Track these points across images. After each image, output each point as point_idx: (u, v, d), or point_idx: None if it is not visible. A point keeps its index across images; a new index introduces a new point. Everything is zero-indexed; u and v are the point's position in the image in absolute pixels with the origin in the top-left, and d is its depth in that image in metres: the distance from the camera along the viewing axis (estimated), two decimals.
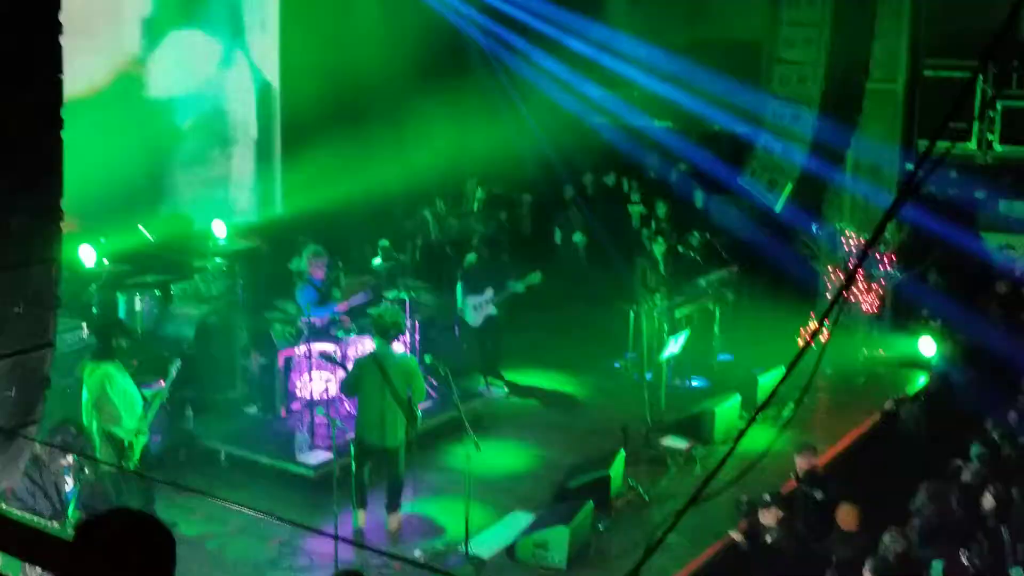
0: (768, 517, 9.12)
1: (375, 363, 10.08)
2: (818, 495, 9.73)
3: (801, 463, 9.99)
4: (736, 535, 9.24)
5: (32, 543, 3.44)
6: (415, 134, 14.91)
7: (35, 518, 6.81)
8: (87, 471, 8.98)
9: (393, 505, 10.22)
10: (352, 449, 9.85)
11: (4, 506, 3.97)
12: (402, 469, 10.16)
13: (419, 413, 10.41)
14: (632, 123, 18.15)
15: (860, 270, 14.74)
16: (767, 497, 9.29)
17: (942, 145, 9.61)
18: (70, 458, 8.75)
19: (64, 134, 6.32)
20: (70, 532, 6.19)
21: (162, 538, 2.51)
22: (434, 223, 15.86)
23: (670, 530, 3.84)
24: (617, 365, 13.99)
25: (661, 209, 16.44)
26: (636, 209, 17.14)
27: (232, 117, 15.57)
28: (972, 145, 15.46)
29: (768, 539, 9.05)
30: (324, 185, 14.17)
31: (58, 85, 6.29)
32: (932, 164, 11.53)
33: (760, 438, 10.40)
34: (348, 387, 10.43)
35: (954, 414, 12.49)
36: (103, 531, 2.50)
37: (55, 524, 8.19)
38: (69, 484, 8.80)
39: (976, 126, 15.22)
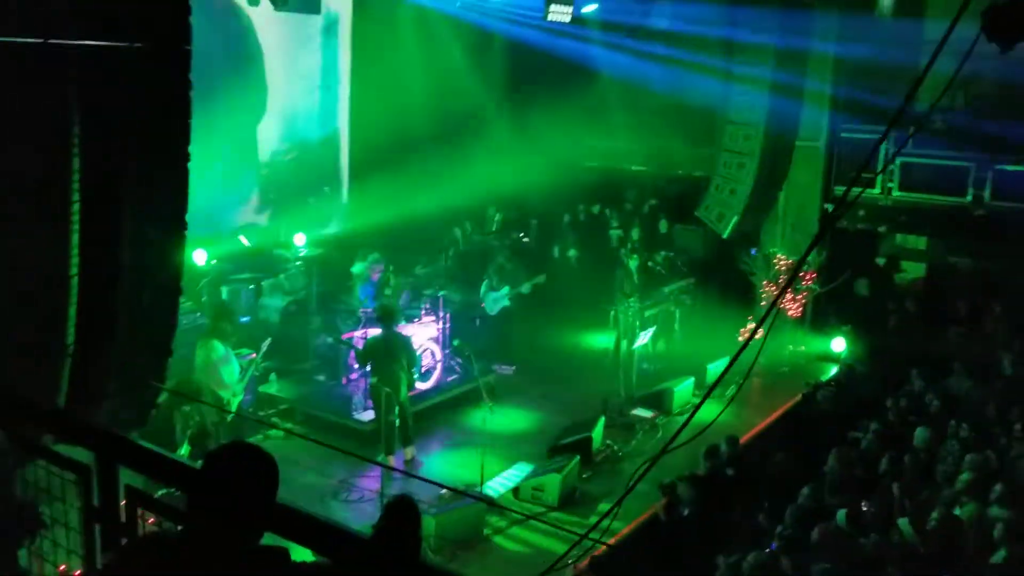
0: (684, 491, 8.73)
1: (383, 341, 10.29)
2: (729, 472, 9.47)
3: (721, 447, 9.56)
4: (658, 509, 8.83)
5: (166, 468, 3.52)
6: (449, 170, 14.93)
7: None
8: (196, 417, 9.02)
9: (407, 439, 10.47)
10: (383, 401, 9.97)
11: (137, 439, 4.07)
12: (409, 412, 10.54)
13: (415, 374, 10.97)
14: (614, 166, 18.14)
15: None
16: (684, 476, 8.97)
17: (855, 191, 9.64)
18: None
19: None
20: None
21: (270, 464, 2.58)
22: (462, 239, 15.89)
23: (640, 479, 3.90)
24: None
25: (635, 233, 16.43)
26: (615, 233, 17.13)
27: (313, 153, 15.61)
28: (876, 191, 15.41)
29: (684, 512, 8.68)
30: (379, 207, 14.21)
31: (187, 127, 6.38)
32: (846, 206, 11.52)
33: (710, 411, 10.39)
34: (361, 359, 10.66)
35: (857, 397, 12.49)
36: (228, 456, 2.57)
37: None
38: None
39: (880, 177, 15.16)
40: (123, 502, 3.50)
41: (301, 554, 3.01)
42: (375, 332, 10.81)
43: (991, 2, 3.92)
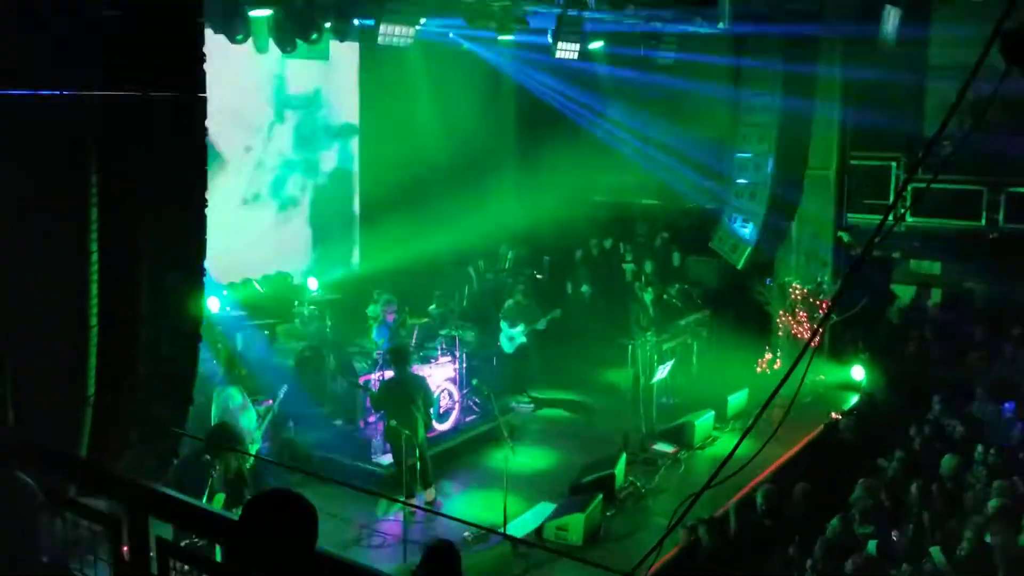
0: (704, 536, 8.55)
1: (397, 383, 10.22)
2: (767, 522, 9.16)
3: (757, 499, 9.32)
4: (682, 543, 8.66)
5: (197, 518, 3.49)
6: (461, 209, 14.96)
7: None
8: (235, 464, 8.93)
9: (426, 482, 10.33)
10: (402, 444, 9.89)
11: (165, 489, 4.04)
12: (427, 454, 10.39)
13: (432, 415, 10.86)
14: (625, 200, 18.18)
15: (804, 313, 14.71)
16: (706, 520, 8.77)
17: (886, 221, 9.62)
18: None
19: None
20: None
21: (310, 511, 2.54)
22: (476, 277, 15.88)
23: (681, 519, 3.84)
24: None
25: (648, 266, 16.40)
26: (629, 267, 17.10)
27: (325, 196, 15.70)
28: (890, 217, 15.36)
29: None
30: (391, 249, 14.25)
31: (204, 173, 6.43)
32: (875, 243, 11.49)
33: (731, 443, 10.28)
34: (376, 403, 10.60)
35: (879, 425, 12.37)
36: (267, 503, 2.52)
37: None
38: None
39: (895, 204, 15.14)
40: (152, 553, 3.46)
41: None
42: (391, 374, 10.78)
43: (999, 26, 3.92)
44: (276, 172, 14.84)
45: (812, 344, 13.96)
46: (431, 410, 10.79)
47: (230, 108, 13.64)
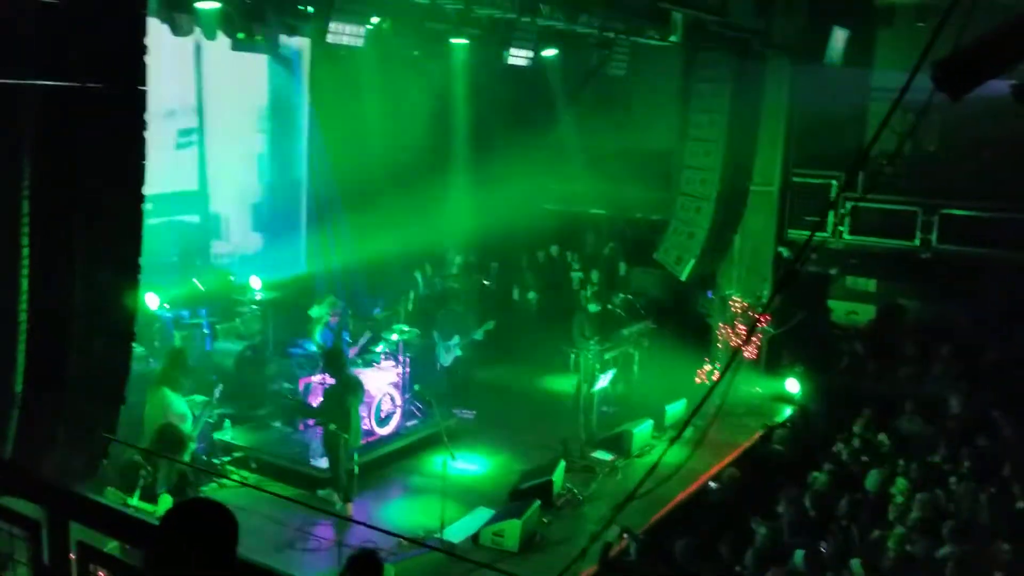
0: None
1: (339, 388, 10.18)
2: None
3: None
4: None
5: (120, 523, 3.41)
6: (410, 213, 14.88)
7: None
8: (148, 468, 8.79)
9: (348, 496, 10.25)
10: (341, 448, 9.80)
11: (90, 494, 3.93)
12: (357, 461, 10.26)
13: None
14: (573, 210, 18.26)
15: (743, 327, 14.90)
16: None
17: (820, 236, 9.72)
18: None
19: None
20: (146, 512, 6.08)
21: (229, 520, 2.50)
22: (422, 282, 15.81)
23: (610, 522, 3.87)
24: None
25: (594, 276, 16.48)
26: (576, 275, 17.18)
27: (272, 196, 15.51)
28: (827, 233, 15.67)
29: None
30: (337, 251, 14.13)
31: (143, 168, 6.31)
32: (807, 252, 11.66)
33: (669, 455, 10.39)
34: (320, 415, 10.39)
35: (811, 437, 12.59)
36: (186, 514, 2.49)
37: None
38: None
39: (831, 219, 15.43)
40: (74, 558, 3.37)
41: None
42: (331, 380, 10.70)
43: (937, 55, 4.03)
44: (221, 168, 14.61)
45: (744, 352, 14.23)
46: (374, 413, 10.73)
47: (176, 101, 13.46)
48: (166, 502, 7.80)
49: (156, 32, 8.78)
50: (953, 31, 3.67)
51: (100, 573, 3.29)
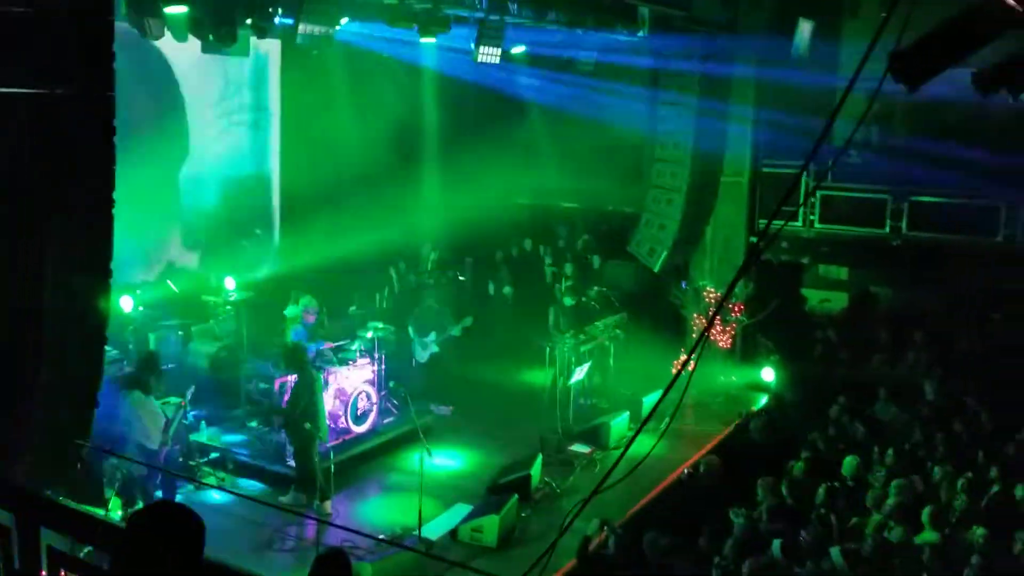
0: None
1: (308, 386, 10.16)
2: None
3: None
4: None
5: (89, 527, 3.41)
6: (383, 209, 14.85)
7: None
8: (122, 472, 8.76)
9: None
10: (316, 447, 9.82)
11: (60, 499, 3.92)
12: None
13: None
14: (546, 203, 18.28)
15: (718, 316, 15.01)
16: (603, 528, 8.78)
17: (777, 224, 9.86)
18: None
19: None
20: (113, 517, 6.08)
21: (195, 523, 2.51)
22: (397, 279, 15.80)
23: (575, 517, 3.91)
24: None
25: (568, 269, 16.53)
26: (549, 269, 17.21)
27: (244, 195, 15.41)
28: (799, 223, 15.81)
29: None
30: (312, 249, 14.07)
31: (112, 173, 6.28)
32: (770, 238, 11.79)
33: (645, 444, 10.44)
34: (293, 417, 10.33)
35: (787, 425, 12.70)
36: (151, 517, 2.50)
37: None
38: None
39: (802, 210, 15.57)
40: (45, 564, 3.37)
41: None
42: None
43: (896, 46, 4.09)
44: (193, 169, 14.51)
45: (719, 342, 14.32)
46: (350, 411, 10.73)
47: (148, 102, 13.35)
48: (116, 505, 7.79)
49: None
50: (913, 22, 3.73)
51: None
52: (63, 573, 3.29)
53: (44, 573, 3.33)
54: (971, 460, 10.45)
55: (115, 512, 8.02)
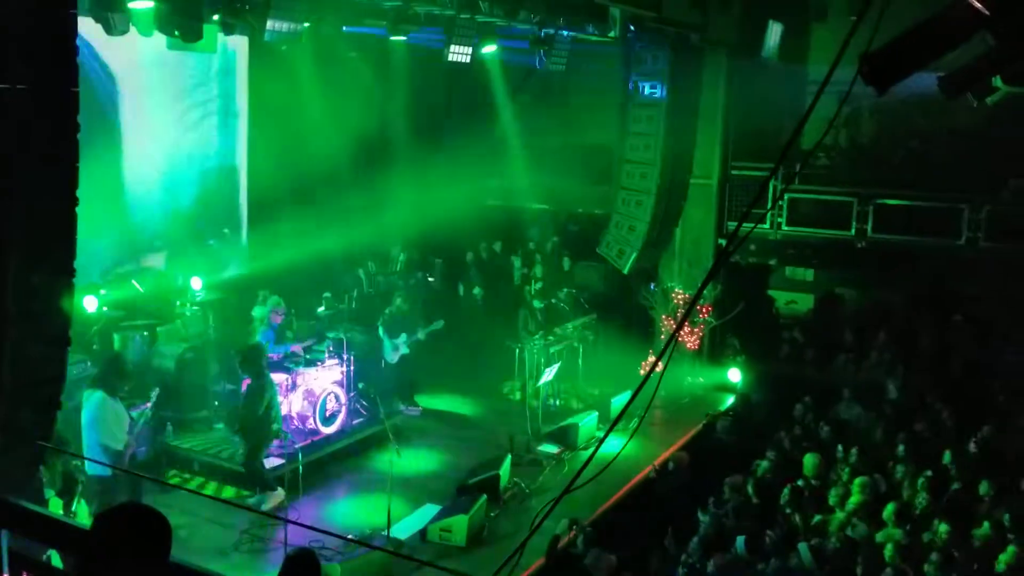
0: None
1: (270, 387, 10.19)
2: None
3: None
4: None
5: (50, 528, 3.35)
6: (352, 210, 14.77)
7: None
8: (60, 467, 8.58)
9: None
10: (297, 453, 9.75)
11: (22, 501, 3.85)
12: None
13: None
14: (516, 205, 18.29)
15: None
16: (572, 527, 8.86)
17: (747, 227, 9.94)
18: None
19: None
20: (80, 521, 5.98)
21: (161, 525, 2.48)
22: (366, 279, 15.71)
23: (545, 517, 3.89)
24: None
25: (538, 271, 16.54)
26: (519, 271, 17.21)
27: (212, 194, 15.22)
28: (766, 226, 15.93)
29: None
30: (280, 249, 13.95)
31: (75, 170, 6.18)
32: (739, 241, 11.85)
33: (614, 444, 10.47)
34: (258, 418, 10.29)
35: (753, 425, 12.80)
36: (117, 519, 2.46)
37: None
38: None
39: (769, 213, 15.70)
40: (7, 567, 3.31)
41: None
42: (276, 376, 10.63)
43: (866, 49, 4.13)
44: (158, 167, 14.31)
45: (687, 343, 14.40)
46: (318, 412, 10.67)
47: (113, 97, 13.16)
48: (56, 505, 7.68)
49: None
50: (883, 25, 3.77)
51: None
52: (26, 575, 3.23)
53: (7, 573, 3.27)
54: (933, 458, 10.59)
55: (82, 516, 7.91)
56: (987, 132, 13.75)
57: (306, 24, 10.86)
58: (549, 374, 12.85)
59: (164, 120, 14.28)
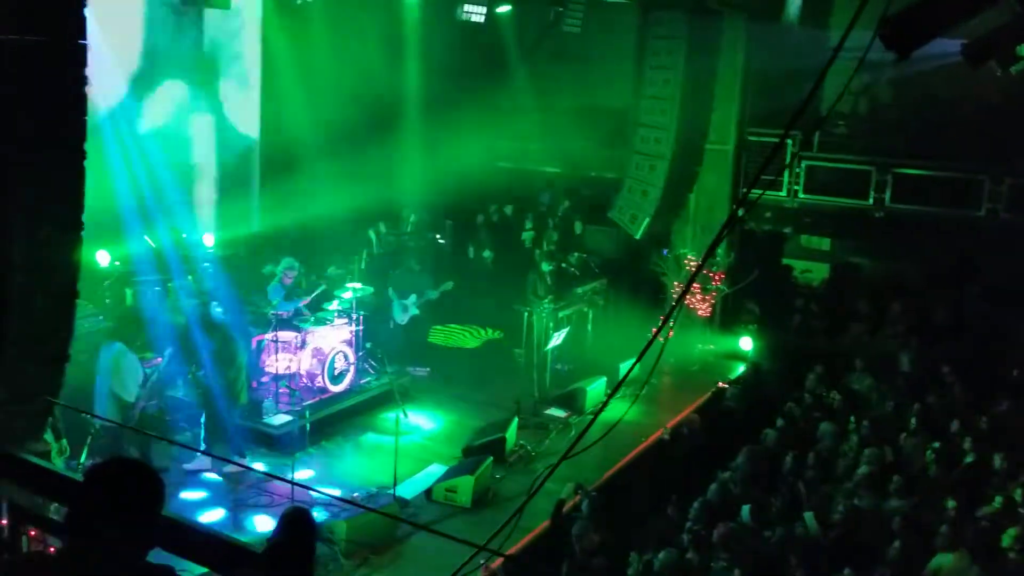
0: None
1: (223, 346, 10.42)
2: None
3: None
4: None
5: (49, 481, 3.36)
6: (363, 170, 14.69)
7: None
8: (97, 426, 8.69)
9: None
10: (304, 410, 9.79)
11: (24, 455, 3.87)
12: None
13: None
14: (528, 168, 18.16)
15: (696, 284, 15.02)
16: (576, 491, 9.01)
17: (755, 193, 9.79)
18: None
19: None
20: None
21: (152, 480, 2.47)
22: (376, 240, 15.66)
23: (545, 480, 3.90)
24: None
25: (550, 235, 16.45)
26: (529, 235, 17.08)
27: (224, 153, 15.17)
28: (783, 193, 15.79)
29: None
30: (292, 209, 13.93)
31: (83, 124, 6.13)
32: (749, 205, 11.67)
33: (619, 409, 10.47)
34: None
35: (764, 394, 12.79)
36: (105, 473, 2.46)
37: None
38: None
39: (786, 178, 15.55)
40: (7, 518, 3.32)
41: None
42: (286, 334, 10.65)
43: (885, 12, 4.02)
44: (171, 125, 14.26)
45: (698, 310, 14.30)
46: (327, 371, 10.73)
47: (122, 54, 13.06)
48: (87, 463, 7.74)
49: None
50: None
51: (32, 532, 3.25)
52: (25, 528, 3.24)
53: (5, 523, 3.28)
54: (944, 431, 10.55)
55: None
56: (1011, 102, 13.51)
57: None
58: (558, 338, 12.83)
59: (176, 78, 14.18)
